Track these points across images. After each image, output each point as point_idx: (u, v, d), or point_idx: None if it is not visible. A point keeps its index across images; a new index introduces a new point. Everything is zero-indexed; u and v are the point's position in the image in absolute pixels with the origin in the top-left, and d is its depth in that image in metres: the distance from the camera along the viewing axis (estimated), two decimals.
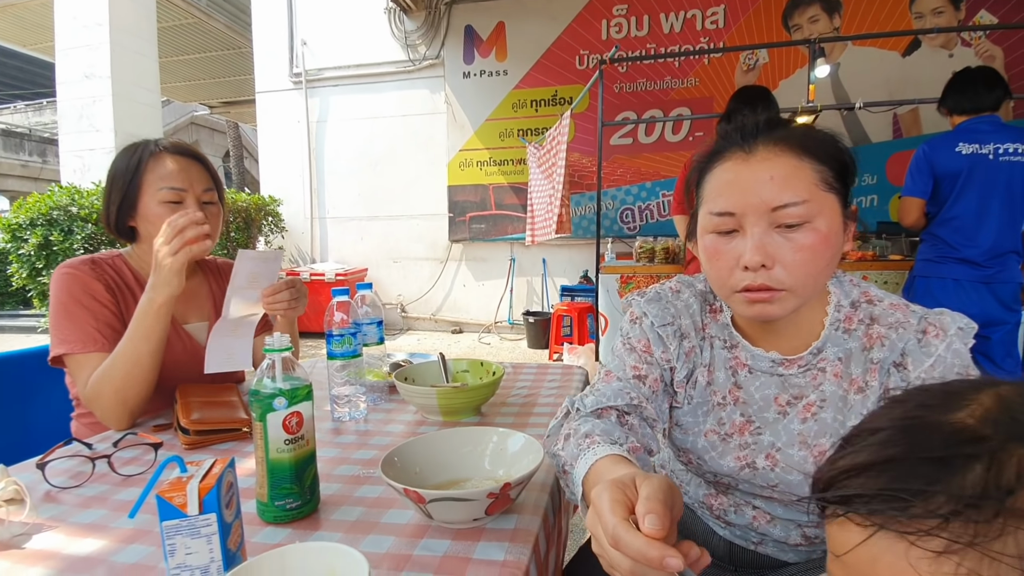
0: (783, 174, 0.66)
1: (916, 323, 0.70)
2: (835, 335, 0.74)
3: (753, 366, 0.77)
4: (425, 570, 0.58)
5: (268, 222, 5.64)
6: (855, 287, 0.77)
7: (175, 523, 0.42)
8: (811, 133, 0.70)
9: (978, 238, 2.18)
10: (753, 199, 0.67)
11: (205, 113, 10.76)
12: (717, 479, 0.80)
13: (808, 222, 0.66)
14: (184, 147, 1.16)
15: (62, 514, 0.72)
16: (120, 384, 0.99)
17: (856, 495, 0.32)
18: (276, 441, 0.65)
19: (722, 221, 0.69)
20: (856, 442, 0.35)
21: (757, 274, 0.67)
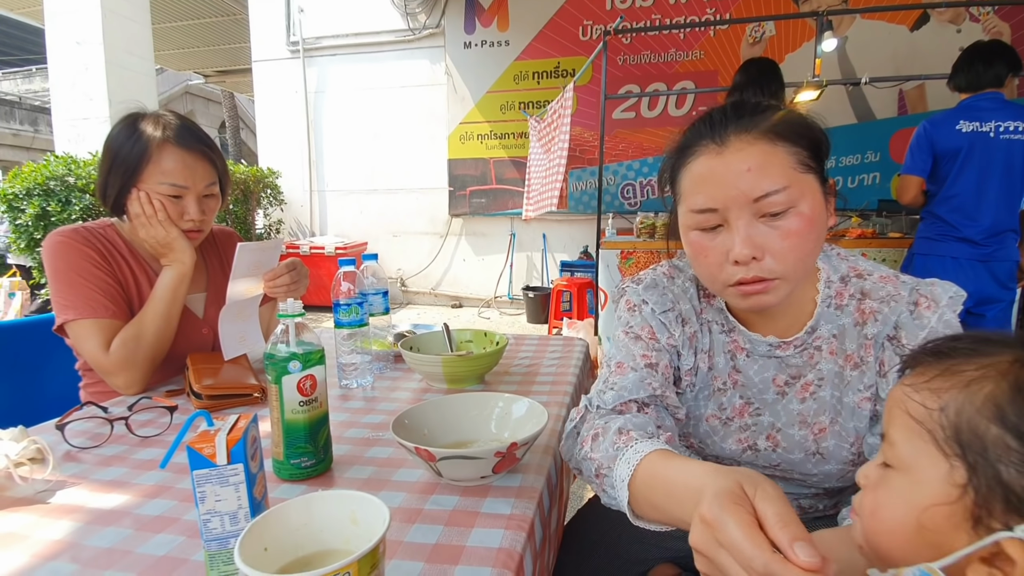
0: (759, 163, 0.65)
1: (907, 295, 0.71)
2: (827, 312, 0.75)
3: (751, 350, 0.78)
4: (436, 522, 0.61)
5: (267, 195, 5.60)
6: (843, 261, 0.78)
7: (205, 472, 0.45)
8: (780, 116, 0.68)
9: (977, 217, 2.19)
10: (732, 192, 0.65)
11: (200, 83, 10.55)
12: (720, 461, 0.82)
13: (792, 207, 0.65)
14: (191, 139, 1.11)
15: (84, 472, 0.75)
16: (154, 341, 1.07)
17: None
18: (291, 403, 0.68)
19: (704, 218, 0.68)
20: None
21: (748, 267, 0.66)
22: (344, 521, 0.45)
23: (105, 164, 1.10)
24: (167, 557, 0.56)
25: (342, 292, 1.06)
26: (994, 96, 2.16)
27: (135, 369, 1.04)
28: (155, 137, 1.07)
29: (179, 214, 1.11)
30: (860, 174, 4.47)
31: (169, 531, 0.60)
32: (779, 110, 0.69)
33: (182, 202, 1.10)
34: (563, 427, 0.78)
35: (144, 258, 1.16)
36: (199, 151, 1.11)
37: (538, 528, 0.65)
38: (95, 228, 1.14)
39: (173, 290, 1.09)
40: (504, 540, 0.58)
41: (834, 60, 4.39)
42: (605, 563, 0.90)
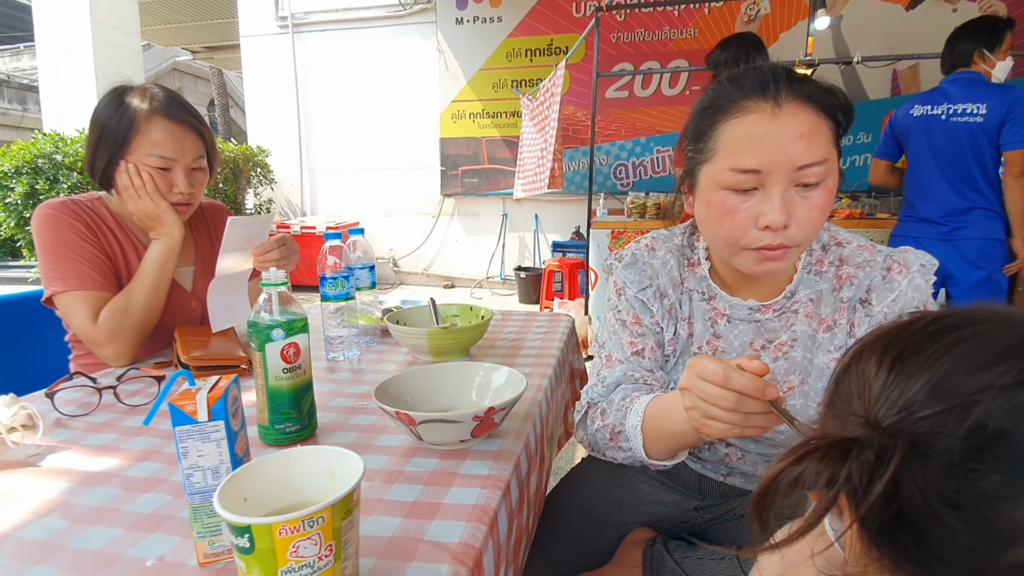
0: (810, 131, 0.65)
1: (882, 261, 0.74)
2: (807, 278, 0.78)
3: (731, 315, 0.80)
4: (415, 482, 0.64)
5: (257, 173, 5.55)
6: (825, 231, 0.80)
7: (187, 428, 0.46)
8: (829, 88, 0.68)
9: (932, 197, 2.25)
10: (780, 157, 0.64)
11: (187, 59, 10.35)
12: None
13: (823, 181, 0.66)
14: (178, 110, 1.10)
15: (74, 437, 0.77)
16: (143, 314, 1.08)
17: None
18: (275, 370, 0.70)
19: (744, 178, 0.66)
20: None
21: (776, 234, 0.66)
22: (322, 474, 0.47)
23: (93, 137, 1.10)
24: (154, 514, 0.58)
25: (328, 266, 1.07)
26: (964, 77, 2.17)
27: (123, 341, 1.05)
28: (142, 109, 1.07)
29: (168, 187, 1.11)
30: (851, 155, 4.47)
31: (156, 491, 0.63)
32: (826, 84, 0.69)
33: (170, 174, 1.10)
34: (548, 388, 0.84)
35: (132, 231, 1.16)
36: (187, 123, 1.11)
37: (514, 489, 0.67)
38: (83, 201, 1.14)
39: (161, 263, 1.10)
40: (480, 498, 0.60)
41: (828, 39, 4.37)
42: (585, 527, 0.93)
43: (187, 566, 0.50)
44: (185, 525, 0.56)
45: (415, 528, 0.55)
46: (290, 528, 0.37)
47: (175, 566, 0.50)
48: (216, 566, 0.50)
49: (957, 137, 2.16)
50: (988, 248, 2.19)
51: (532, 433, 0.80)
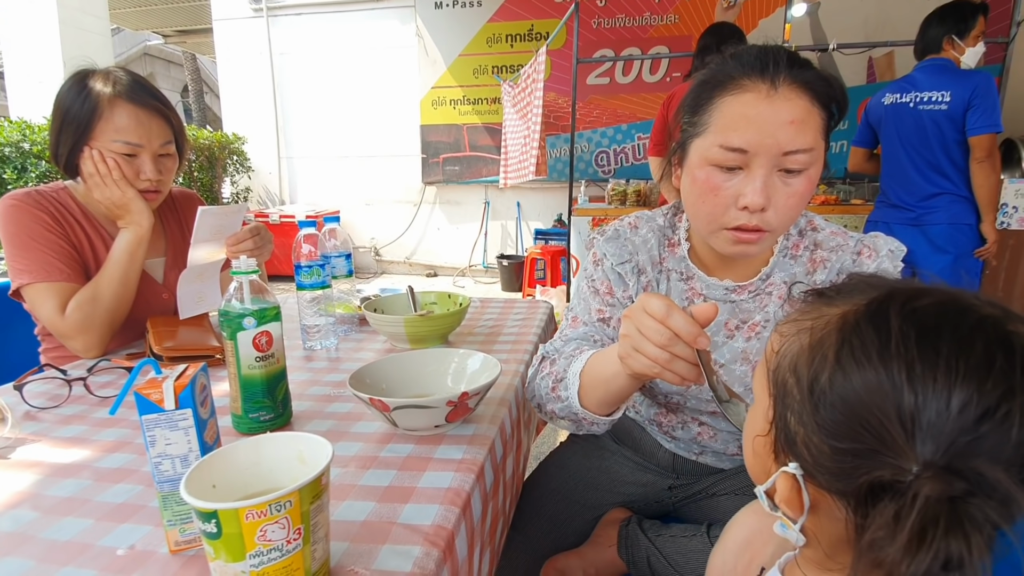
0: (800, 118, 0.65)
1: (853, 245, 0.77)
2: (783, 261, 0.80)
3: (708, 295, 0.82)
4: (390, 468, 0.64)
5: (233, 161, 5.44)
6: (802, 217, 0.82)
7: (153, 417, 0.46)
8: (827, 77, 0.68)
9: (901, 184, 2.31)
10: (769, 140, 0.65)
11: (159, 43, 10.02)
12: (668, 399, 0.87)
13: (806, 169, 0.66)
14: (143, 95, 1.07)
15: (44, 430, 0.76)
16: (112, 306, 1.05)
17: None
18: (247, 358, 0.69)
19: (731, 157, 0.67)
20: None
21: (753, 215, 0.67)
22: (292, 460, 0.47)
23: (55, 123, 1.06)
24: (125, 504, 0.58)
25: (303, 254, 1.06)
26: (933, 64, 2.21)
27: (92, 332, 1.03)
28: (105, 93, 1.04)
29: (135, 174, 1.08)
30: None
31: (127, 481, 0.62)
32: (824, 72, 0.68)
33: (137, 161, 1.08)
34: (525, 374, 0.83)
35: (99, 221, 1.14)
36: (153, 107, 1.08)
37: (488, 472, 0.68)
38: (48, 191, 1.11)
39: (130, 253, 1.08)
40: (453, 481, 0.61)
41: (806, 27, 4.40)
42: (562, 509, 0.95)
43: (158, 554, 0.50)
44: (156, 514, 0.56)
45: (388, 512, 0.56)
46: (257, 512, 0.37)
47: (146, 554, 0.50)
48: (187, 553, 0.50)
49: (923, 125, 2.20)
50: (955, 232, 2.24)
51: (508, 418, 0.81)
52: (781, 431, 0.38)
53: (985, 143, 2.12)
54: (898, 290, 0.36)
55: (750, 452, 0.44)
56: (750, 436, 0.43)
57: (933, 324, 0.33)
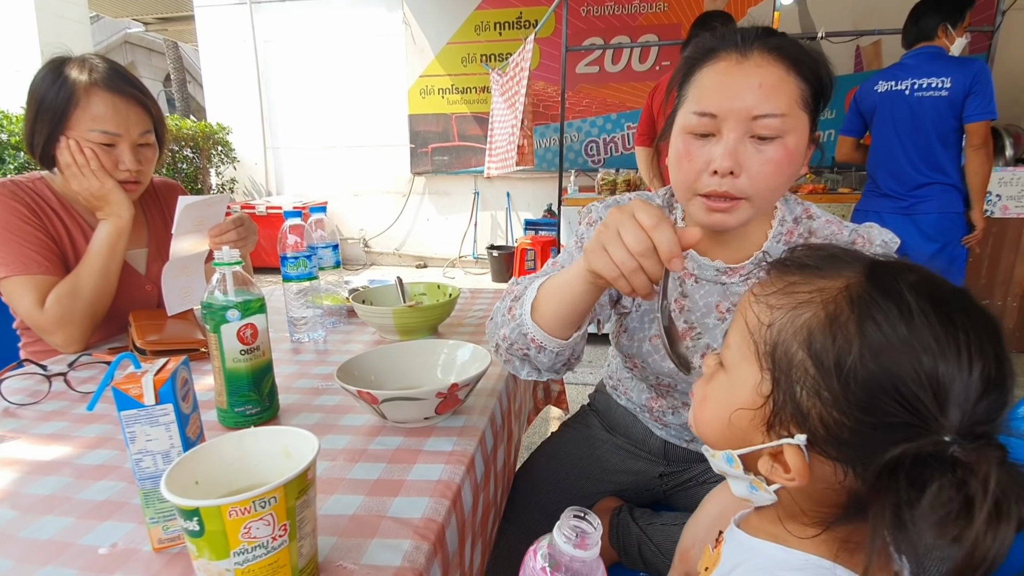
0: (771, 83, 0.66)
1: (847, 235, 0.77)
2: (776, 247, 0.79)
3: (699, 275, 0.81)
4: (379, 461, 0.64)
5: (217, 152, 5.35)
6: (799, 205, 0.83)
7: (133, 412, 0.45)
8: (804, 47, 0.69)
9: (893, 173, 2.30)
10: (737, 104, 0.66)
11: (140, 31, 9.79)
12: (659, 381, 0.87)
13: (780, 137, 0.67)
14: (121, 82, 1.04)
15: (23, 427, 0.74)
16: (92, 299, 1.03)
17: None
18: (232, 351, 0.68)
19: (701, 122, 0.69)
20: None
21: (723, 180, 0.68)
22: (277, 455, 0.46)
23: (30, 113, 1.03)
24: (107, 502, 0.57)
25: (289, 245, 1.05)
26: (926, 51, 2.20)
27: (72, 326, 1.01)
28: (81, 81, 1.00)
29: (113, 164, 1.05)
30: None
31: (109, 478, 0.61)
32: (805, 44, 0.70)
33: (116, 151, 1.05)
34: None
35: (78, 212, 1.11)
36: (130, 95, 1.05)
37: (479, 463, 0.68)
38: (24, 182, 1.08)
39: (111, 245, 1.05)
40: (443, 473, 0.61)
41: (794, 15, 4.39)
42: (554, 498, 0.95)
43: (141, 552, 0.49)
44: (139, 512, 0.54)
45: (377, 505, 0.55)
46: (240, 509, 0.36)
47: (129, 552, 0.49)
48: (171, 551, 0.49)
49: (922, 111, 2.19)
50: (945, 221, 2.26)
51: (498, 408, 0.80)
52: (786, 405, 0.38)
53: (982, 130, 2.13)
54: (881, 263, 0.38)
55: (722, 422, 0.43)
56: (725, 408, 0.43)
57: (941, 297, 0.35)
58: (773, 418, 0.39)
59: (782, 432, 0.39)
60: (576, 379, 2.81)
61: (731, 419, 0.42)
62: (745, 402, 0.41)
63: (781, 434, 0.39)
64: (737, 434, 0.42)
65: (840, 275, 0.38)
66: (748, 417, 0.41)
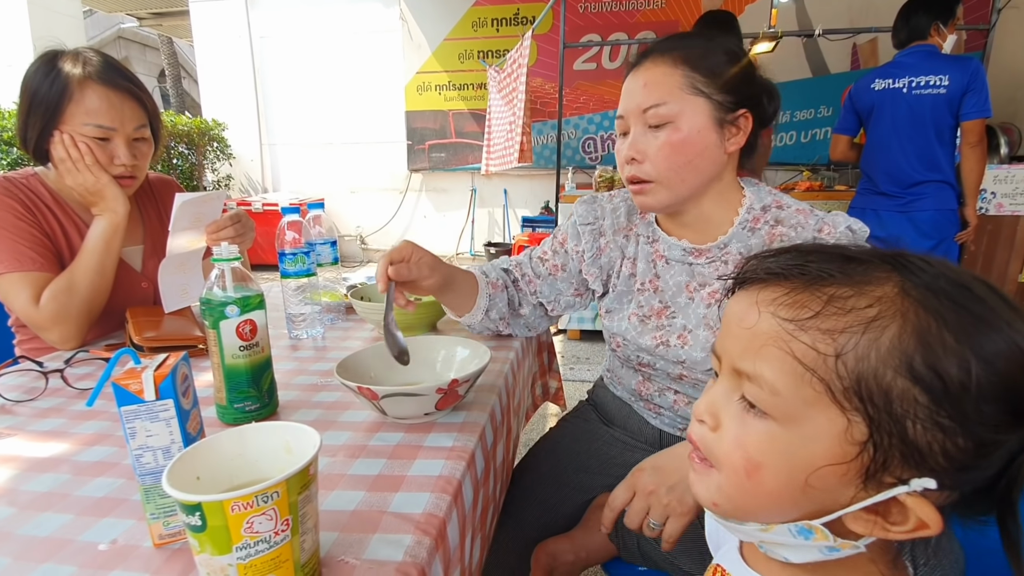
0: (653, 80, 0.77)
1: (814, 224, 0.80)
2: (741, 233, 0.83)
3: (669, 256, 0.88)
4: (379, 456, 0.63)
5: (213, 148, 5.32)
6: (770, 194, 0.85)
7: (133, 408, 0.45)
8: (695, 45, 0.79)
9: (889, 171, 2.30)
10: (631, 104, 0.79)
11: (134, 26, 9.71)
12: (640, 360, 0.91)
13: (671, 122, 0.77)
14: (116, 76, 1.03)
15: (20, 423, 0.74)
16: (88, 295, 1.02)
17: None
18: (231, 348, 0.68)
19: (620, 123, 0.83)
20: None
21: (632, 167, 0.80)
22: (278, 451, 0.46)
23: (23, 106, 1.02)
24: (106, 498, 0.56)
25: (287, 242, 1.04)
26: (921, 50, 2.21)
27: (68, 323, 1.00)
28: (75, 74, 0.99)
29: (108, 159, 1.04)
30: (813, 128, 4.56)
31: (108, 475, 0.61)
32: (700, 41, 0.79)
33: (110, 145, 1.04)
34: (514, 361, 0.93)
35: (72, 208, 1.10)
36: (125, 89, 1.04)
37: (479, 459, 0.68)
38: (17, 178, 1.07)
39: (106, 241, 1.04)
40: (444, 469, 0.61)
41: (792, 12, 4.40)
42: (553, 493, 0.95)
43: (142, 548, 0.49)
44: (138, 508, 0.54)
45: (378, 501, 0.55)
46: (243, 504, 0.36)
47: (129, 549, 0.49)
48: (172, 547, 0.49)
49: (920, 109, 2.20)
50: (940, 218, 2.28)
51: (498, 405, 0.80)
52: (893, 448, 0.32)
53: (979, 128, 2.14)
54: (891, 255, 0.35)
55: (795, 488, 0.35)
56: (800, 468, 0.34)
57: (989, 284, 0.33)
58: (875, 467, 0.32)
59: (888, 480, 0.32)
60: (574, 376, 2.81)
61: (809, 482, 0.34)
62: (829, 457, 0.33)
63: (885, 482, 0.32)
64: (818, 497, 0.34)
65: (878, 276, 0.34)
66: (839, 474, 0.33)
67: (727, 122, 0.79)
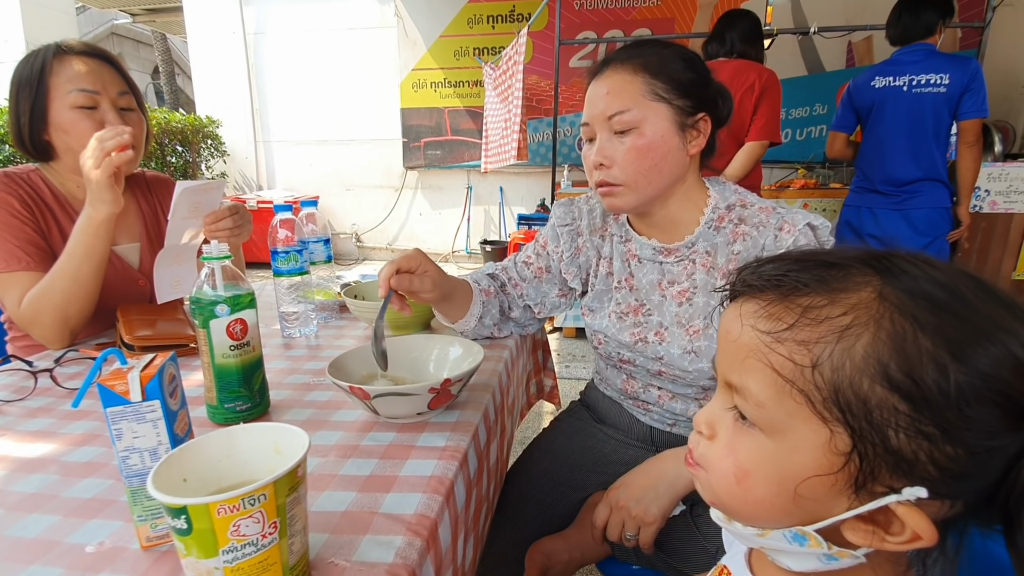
0: (616, 88, 0.80)
1: (775, 223, 0.81)
2: (706, 232, 0.85)
3: (641, 255, 0.91)
4: (371, 457, 0.63)
5: (207, 145, 5.29)
6: (735, 193, 0.87)
7: (119, 409, 0.44)
8: (652, 52, 0.81)
9: (887, 169, 2.30)
10: (595, 110, 0.82)
11: (127, 22, 9.64)
12: (621, 356, 0.92)
13: (635, 128, 0.79)
14: (92, 47, 1.06)
15: (8, 424, 0.73)
16: (60, 302, 0.97)
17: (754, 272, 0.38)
18: (221, 347, 0.67)
19: (586, 130, 0.85)
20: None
21: (600, 172, 0.83)
22: (267, 452, 0.45)
23: (12, 98, 1.03)
24: (94, 500, 0.56)
25: (279, 240, 1.03)
26: (921, 48, 2.20)
27: (43, 327, 0.98)
28: (52, 49, 1.03)
29: (99, 126, 1.03)
30: (808, 126, 4.56)
31: (96, 476, 0.60)
32: (668, 47, 0.82)
33: (98, 113, 1.04)
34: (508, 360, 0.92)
35: (73, 206, 1.09)
36: (101, 57, 1.06)
37: (472, 459, 0.68)
38: (17, 174, 1.06)
39: (85, 245, 0.96)
40: (436, 469, 0.60)
41: (787, 10, 4.40)
42: (548, 491, 0.95)
43: (129, 550, 0.48)
44: (127, 510, 0.53)
45: (370, 501, 0.54)
46: (229, 507, 0.36)
47: (117, 551, 0.48)
48: (160, 549, 0.48)
49: (921, 107, 2.19)
50: (935, 216, 2.29)
51: (491, 404, 0.80)
52: (878, 458, 0.31)
53: (976, 127, 2.15)
54: (873, 254, 0.34)
55: (784, 498, 0.35)
56: (787, 479, 0.34)
57: (984, 284, 0.32)
58: (864, 475, 0.32)
59: (877, 489, 0.32)
60: (569, 374, 2.81)
61: (799, 492, 0.34)
62: (815, 468, 0.33)
63: (876, 491, 0.32)
64: (809, 506, 0.34)
65: (856, 282, 0.33)
66: (827, 484, 0.33)
67: (688, 126, 0.81)
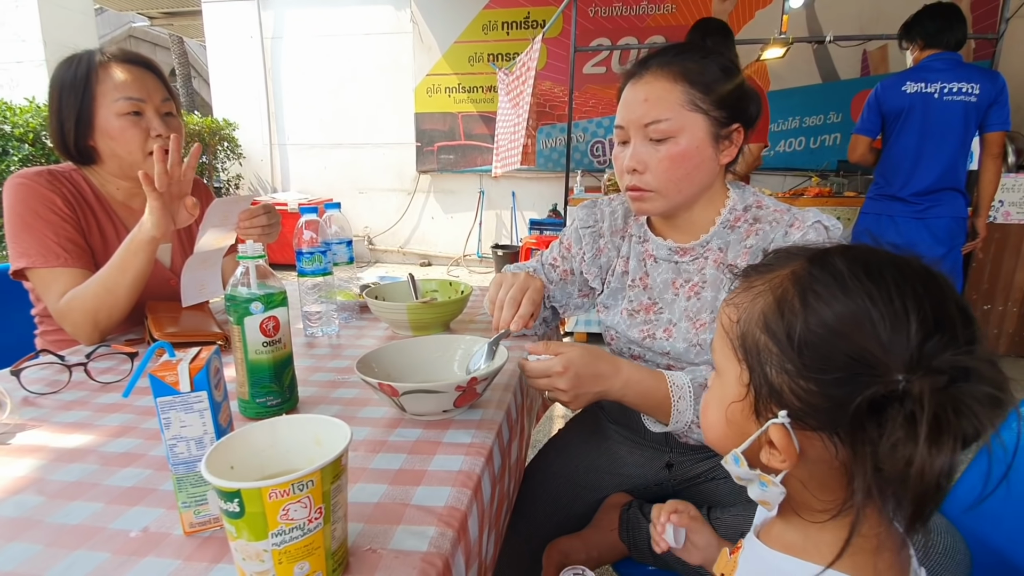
0: (655, 96, 0.80)
1: (787, 220, 0.82)
2: (721, 231, 0.87)
3: (657, 255, 0.93)
4: (399, 451, 0.65)
5: (224, 148, 5.36)
6: (753, 196, 0.89)
7: (169, 399, 0.46)
8: (692, 60, 0.81)
9: (912, 176, 2.28)
10: (631, 116, 0.82)
11: (145, 25, 9.79)
12: (631, 352, 0.94)
13: (672, 137, 0.80)
14: (133, 55, 1.09)
15: (44, 415, 0.75)
16: (92, 307, 1.00)
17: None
18: (254, 343, 0.69)
19: (620, 133, 0.86)
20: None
21: (633, 176, 0.84)
22: (308, 443, 0.47)
23: (54, 101, 1.06)
24: (135, 488, 0.58)
25: (305, 240, 1.06)
26: (950, 56, 2.21)
27: (74, 326, 1.00)
28: (97, 58, 1.05)
29: (144, 133, 1.07)
30: (822, 134, 4.56)
31: (136, 465, 0.62)
32: (708, 56, 0.81)
33: (143, 120, 1.07)
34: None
35: (114, 209, 1.13)
36: (143, 65, 1.09)
37: (496, 456, 0.69)
38: (61, 172, 1.09)
39: (122, 259, 0.99)
40: (464, 464, 0.62)
41: (802, 19, 4.40)
42: (564, 491, 0.96)
43: (172, 536, 0.50)
44: (168, 497, 0.55)
45: (401, 494, 0.56)
46: (280, 492, 0.37)
47: (160, 536, 0.50)
48: (203, 535, 0.50)
49: (952, 115, 2.19)
50: (954, 225, 2.28)
51: (512, 403, 0.81)
52: (762, 388, 0.41)
53: (1001, 140, 2.17)
54: (824, 248, 0.43)
55: (722, 423, 0.46)
56: (721, 407, 0.46)
57: (873, 261, 0.39)
58: (758, 403, 0.42)
59: (768, 415, 0.41)
60: None
61: (727, 416, 0.45)
62: (734, 396, 0.44)
63: (768, 417, 0.41)
64: (736, 431, 0.45)
65: (788, 265, 0.43)
66: (740, 410, 0.44)
67: (722, 136, 0.82)
